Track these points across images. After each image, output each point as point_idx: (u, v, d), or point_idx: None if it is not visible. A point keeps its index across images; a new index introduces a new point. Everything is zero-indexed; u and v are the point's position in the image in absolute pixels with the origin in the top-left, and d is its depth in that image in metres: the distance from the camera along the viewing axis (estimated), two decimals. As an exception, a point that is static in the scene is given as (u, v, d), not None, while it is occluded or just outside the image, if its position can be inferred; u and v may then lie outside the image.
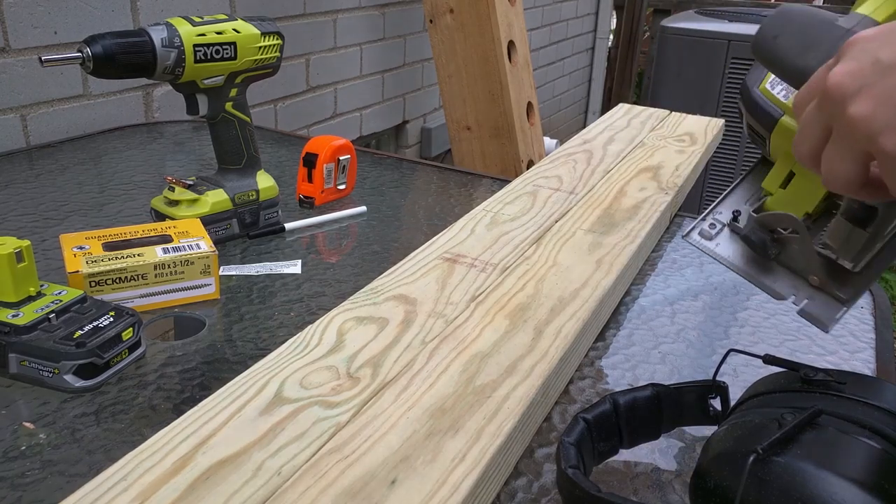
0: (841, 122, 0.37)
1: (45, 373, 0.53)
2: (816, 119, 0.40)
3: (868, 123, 0.36)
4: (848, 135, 0.37)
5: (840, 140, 0.38)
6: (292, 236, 0.83)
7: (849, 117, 0.37)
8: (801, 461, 0.31)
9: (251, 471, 0.41)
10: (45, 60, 0.64)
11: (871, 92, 0.36)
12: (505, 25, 1.79)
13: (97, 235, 0.67)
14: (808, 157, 0.41)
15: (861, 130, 0.36)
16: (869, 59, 0.37)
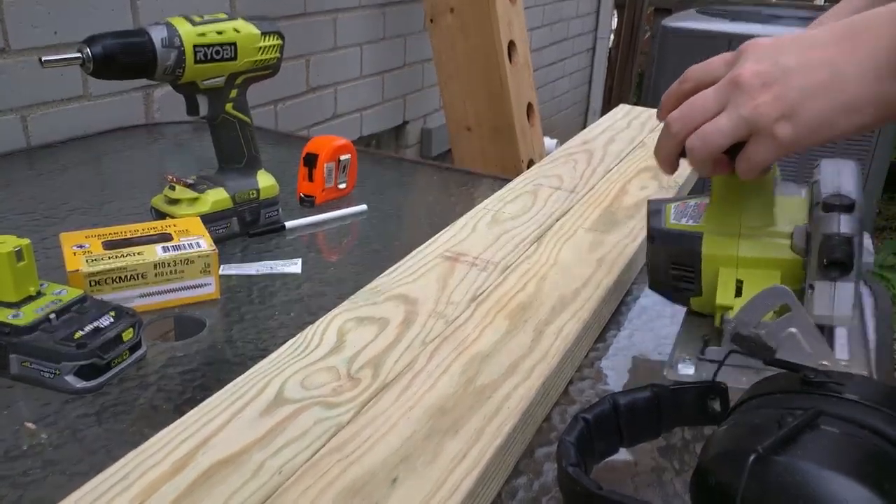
0: (744, 107, 0.45)
1: (47, 374, 0.53)
2: (715, 98, 0.47)
3: (769, 113, 0.44)
4: (746, 117, 0.45)
5: (733, 118, 0.45)
6: (292, 234, 0.83)
7: (753, 106, 0.44)
8: (801, 461, 0.31)
9: (251, 471, 0.41)
10: (45, 61, 0.64)
11: (773, 89, 0.44)
12: (505, 25, 1.79)
13: (97, 234, 0.67)
14: (692, 124, 0.48)
15: (762, 117, 0.44)
16: (771, 61, 0.45)
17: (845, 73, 0.42)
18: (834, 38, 0.44)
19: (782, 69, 0.44)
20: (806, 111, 0.43)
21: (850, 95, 0.42)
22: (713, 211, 0.57)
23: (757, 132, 0.45)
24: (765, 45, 0.46)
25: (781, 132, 0.44)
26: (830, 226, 0.48)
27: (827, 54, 0.43)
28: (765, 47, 0.46)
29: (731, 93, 0.46)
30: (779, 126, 0.44)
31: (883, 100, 0.42)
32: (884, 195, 2.90)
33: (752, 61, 0.45)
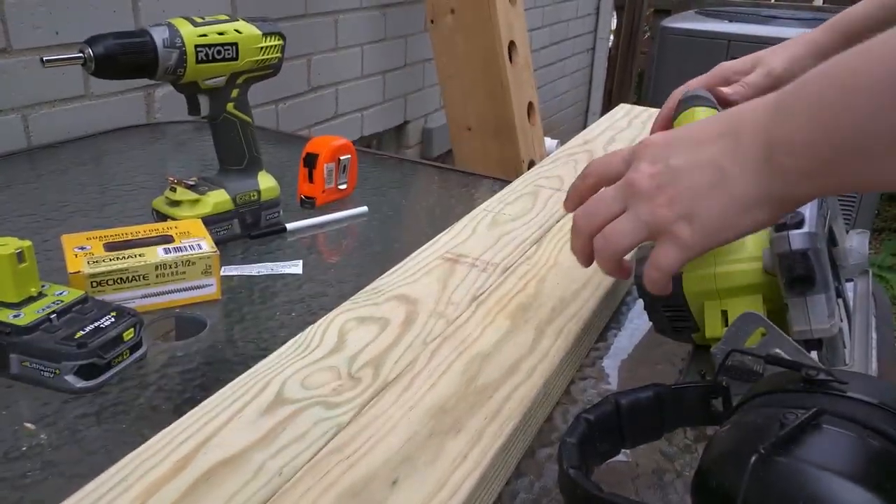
0: (642, 210, 0.45)
1: (47, 373, 0.53)
2: (615, 198, 0.47)
3: (666, 216, 0.44)
4: (646, 221, 0.45)
5: (633, 220, 0.46)
6: (293, 236, 0.83)
7: (650, 210, 0.44)
8: (803, 461, 0.31)
9: (252, 471, 0.41)
10: (46, 61, 0.64)
11: (667, 191, 0.44)
12: (506, 26, 1.79)
13: (98, 236, 0.67)
14: (596, 223, 0.48)
15: (661, 221, 0.44)
16: (663, 163, 0.44)
17: (730, 173, 0.41)
18: (718, 133, 0.43)
19: (673, 171, 0.44)
20: (702, 212, 0.42)
21: (739, 195, 0.41)
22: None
23: (659, 235, 0.45)
24: (658, 144, 0.46)
25: (683, 234, 0.43)
26: (782, 245, 0.49)
27: (712, 152, 0.42)
28: (658, 146, 0.46)
29: (630, 196, 0.46)
30: (679, 228, 0.43)
31: (774, 197, 0.41)
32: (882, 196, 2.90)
33: (646, 162, 0.45)
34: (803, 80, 0.40)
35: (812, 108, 0.38)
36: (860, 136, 0.35)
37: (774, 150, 0.40)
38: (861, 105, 0.35)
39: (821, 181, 0.39)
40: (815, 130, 0.38)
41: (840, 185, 0.40)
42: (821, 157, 0.38)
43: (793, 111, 0.39)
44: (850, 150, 0.36)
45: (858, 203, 2.40)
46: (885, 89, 0.34)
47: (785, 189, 0.40)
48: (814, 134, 0.38)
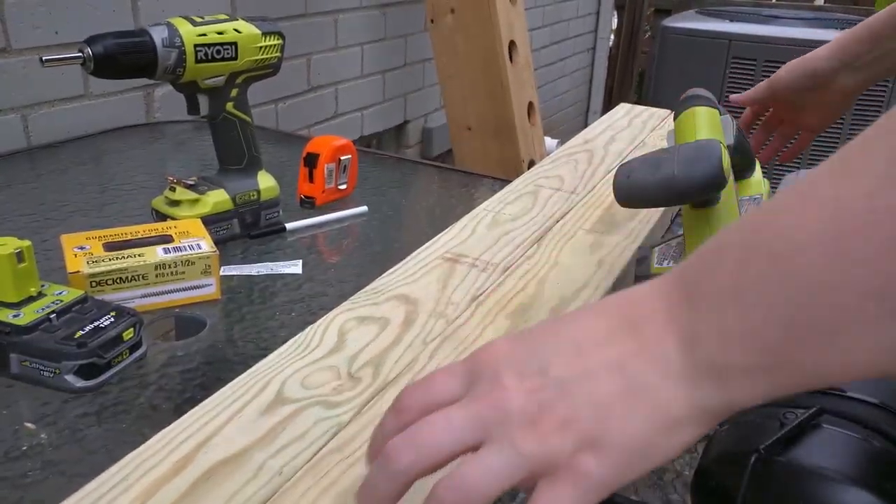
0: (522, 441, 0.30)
1: (47, 373, 0.53)
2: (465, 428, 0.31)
3: (561, 445, 0.30)
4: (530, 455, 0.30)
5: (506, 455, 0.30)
6: (293, 236, 0.83)
7: (537, 438, 0.30)
8: (802, 461, 0.31)
9: (252, 471, 0.41)
10: (45, 60, 0.64)
11: (556, 412, 0.31)
12: (506, 25, 1.79)
13: (98, 236, 0.67)
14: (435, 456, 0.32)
15: (555, 452, 0.30)
16: (538, 375, 0.32)
17: (645, 379, 0.31)
18: (607, 329, 0.32)
19: (558, 383, 0.31)
20: (614, 435, 0.30)
21: (663, 407, 0.30)
22: (689, 248, 0.58)
23: (550, 472, 0.30)
24: (514, 347, 0.34)
25: (588, 467, 0.30)
26: None
27: (609, 355, 0.31)
28: (516, 349, 0.33)
29: (496, 422, 0.31)
30: (581, 460, 0.30)
31: (708, 408, 0.30)
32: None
33: (512, 377, 0.32)
34: (718, 250, 0.31)
35: (740, 288, 0.29)
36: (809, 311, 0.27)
37: (698, 346, 0.30)
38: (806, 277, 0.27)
39: (773, 380, 0.29)
40: (746, 315, 0.29)
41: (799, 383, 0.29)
42: (767, 347, 0.28)
43: (713, 292, 0.30)
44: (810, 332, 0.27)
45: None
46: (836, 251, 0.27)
47: (722, 398, 0.30)
48: (747, 320, 0.29)
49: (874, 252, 0.25)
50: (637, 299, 0.33)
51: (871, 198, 0.26)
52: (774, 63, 2.50)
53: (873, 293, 0.26)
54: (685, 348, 0.30)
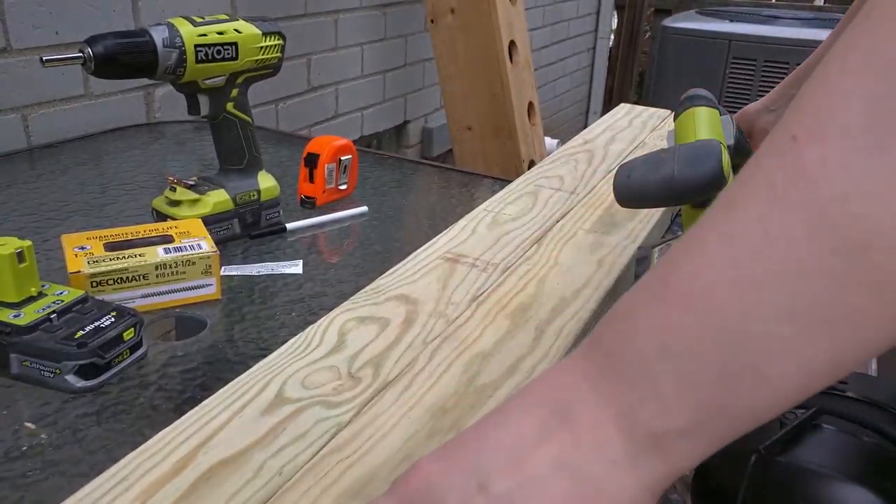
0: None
1: (47, 373, 0.53)
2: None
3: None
4: None
5: None
6: (293, 236, 0.83)
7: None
8: (802, 461, 0.31)
9: (252, 471, 0.41)
10: (46, 61, 0.64)
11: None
12: (506, 25, 1.79)
13: (98, 236, 0.67)
14: None
15: None
16: (480, 495, 0.29)
17: (590, 471, 0.29)
18: (540, 427, 0.30)
19: (504, 499, 0.29)
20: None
21: (614, 496, 0.29)
22: None
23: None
24: (445, 463, 0.31)
25: None
26: None
27: (547, 455, 0.29)
28: (447, 465, 0.31)
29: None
30: None
31: (648, 484, 0.29)
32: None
33: (445, 498, 0.30)
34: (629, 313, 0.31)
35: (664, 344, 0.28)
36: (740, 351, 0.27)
37: (635, 419, 0.29)
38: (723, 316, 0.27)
39: (711, 434, 0.28)
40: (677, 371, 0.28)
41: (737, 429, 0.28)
42: (702, 402, 0.28)
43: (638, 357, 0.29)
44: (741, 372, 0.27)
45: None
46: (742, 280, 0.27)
47: (667, 468, 0.29)
48: (680, 376, 0.28)
49: (775, 272, 0.26)
50: (560, 384, 0.31)
51: (761, 221, 0.26)
52: (774, 63, 2.51)
53: (784, 313, 0.26)
54: (622, 425, 0.29)
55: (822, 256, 0.25)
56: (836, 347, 0.26)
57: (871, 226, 0.24)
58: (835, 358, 0.26)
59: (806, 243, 0.25)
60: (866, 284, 0.25)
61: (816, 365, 0.26)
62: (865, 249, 0.24)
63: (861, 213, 0.24)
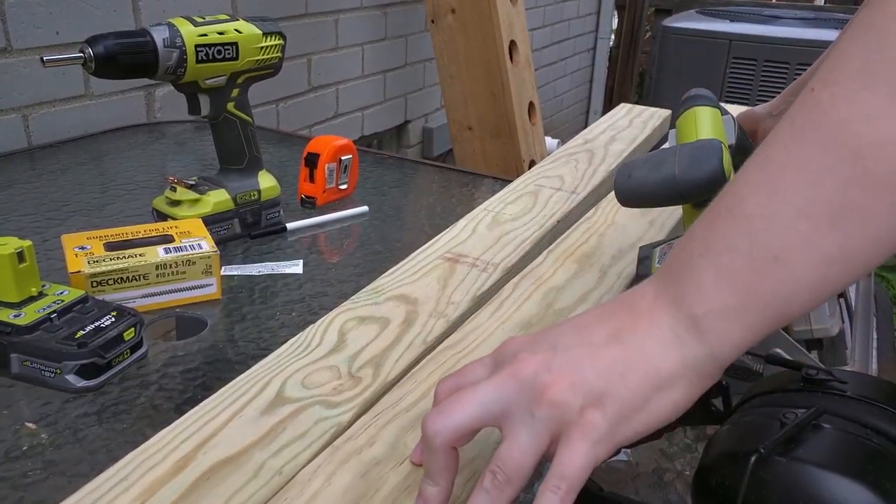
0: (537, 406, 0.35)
1: (47, 373, 0.53)
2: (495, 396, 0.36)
3: (570, 402, 0.35)
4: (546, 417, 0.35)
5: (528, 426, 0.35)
6: (294, 236, 0.83)
7: (549, 401, 0.35)
8: (803, 461, 0.31)
9: (252, 470, 0.41)
10: (46, 61, 0.64)
11: (566, 376, 0.35)
12: (506, 25, 1.79)
13: (99, 235, 0.67)
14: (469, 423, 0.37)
15: (565, 410, 0.35)
16: (548, 347, 0.37)
17: (641, 343, 0.36)
18: (608, 313, 0.38)
19: (566, 353, 0.36)
20: (613, 393, 0.35)
21: (654, 369, 0.35)
22: None
23: (563, 431, 0.35)
24: (530, 337, 0.39)
25: (594, 420, 0.34)
26: None
27: (608, 328, 0.37)
28: (531, 338, 0.39)
29: (516, 391, 0.36)
30: (588, 415, 0.35)
31: (692, 365, 0.35)
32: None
33: (527, 354, 0.37)
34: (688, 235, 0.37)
35: (708, 243, 0.36)
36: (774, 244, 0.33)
37: (682, 305, 0.35)
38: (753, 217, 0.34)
39: (743, 319, 0.34)
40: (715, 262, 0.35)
41: (766, 316, 0.34)
42: (734, 287, 0.34)
43: (688, 258, 0.36)
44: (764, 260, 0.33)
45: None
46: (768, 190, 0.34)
47: (704, 349, 0.35)
48: (716, 266, 0.35)
49: (794, 181, 0.33)
50: (632, 291, 0.39)
51: (785, 146, 0.34)
52: (775, 63, 2.50)
53: (802, 213, 0.33)
54: (671, 311, 0.36)
55: (830, 165, 0.32)
56: (845, 240, 0.32)
57: (867, 140, 0.31)
58: (845, 249, 0.32)
59: (818, 157, 0.33)
60: (865, 186, 0.31)
61: (829, 255, 0.33)
62: (864, 158, 0.31)
63: (859, 132, 0.32)
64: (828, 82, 0.33)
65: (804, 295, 0.34)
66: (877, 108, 0.31)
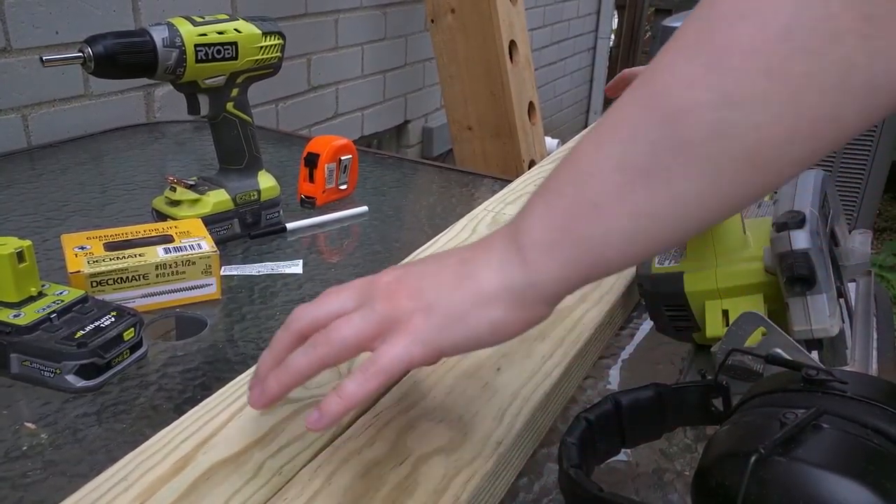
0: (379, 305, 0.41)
1: (47, 373, 0.53)
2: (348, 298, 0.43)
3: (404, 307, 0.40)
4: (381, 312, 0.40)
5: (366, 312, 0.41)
6: (294, 236, 0.83)
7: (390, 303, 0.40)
8: (803, 461, 0.31)
9: (252, 470, 0.41)
10: (46, 60, 0.64)
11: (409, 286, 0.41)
12: (506, 25, 1.79)
13: (98, 235, 0.67)
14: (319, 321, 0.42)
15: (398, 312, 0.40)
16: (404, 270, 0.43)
17: (475, 266, 0.40)
18: (468, 246, 0.43)
19: (417, 272, 0.42)
20: (442, 303, 0.40)
21: (479, 288, 0.39)
22: (690, 248, 0.58)
23: (391, 329, 0.40)
24: (392, 269, 0.44)
25: (418, 324, 0.39)
26: (783, 244, 0.49)
27: (460, 256, 0.42)
28: (395, 267, 0.44)
29: (367, 296, 0.42)
30: (415, 318, 0.39)
31: (513, 289, 0.39)
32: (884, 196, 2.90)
33: (385, 274, 0.43)
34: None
35: (543, 187, 0.40)
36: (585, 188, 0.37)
37: (517, 236, 0.40)
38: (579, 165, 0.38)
39: (560, 254, 0.38)
40: (544, 201, 0.40)
41: (581, 256, 0.38)
42: (554, 224, 0.38)
43: (530, 199, 0.41)
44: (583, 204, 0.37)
45: (860, 203, 2.40)
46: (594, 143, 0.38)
47: (524, 276, 0.38)
48: (544, 204, 0.40)
49: (616, 137, 0.36)
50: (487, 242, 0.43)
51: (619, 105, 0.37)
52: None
53: (618, 166, 0.36)
54: (506, 242, 0.40)
55: (646, 125, 0.35)
56: (652, 197, 0.35)
57: (677, 105, 0.34)
58: (653, 205, 0.35)
59: (637, 116, 0.36)
60: (672, 148, 0.34)
61: (639, 209, 0.35)
62: (673, 121, 0.34)
63: (673, 97, 0.34)
64: (664, 50, 0.35)
65: (616, 241, 0.37)
66: (691, 77, 0.33)
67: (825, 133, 0.32)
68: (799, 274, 0.49)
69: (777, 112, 0.32)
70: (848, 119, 0.32)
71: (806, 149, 0.33)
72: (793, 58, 0.31)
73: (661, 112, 0.34)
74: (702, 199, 0.34)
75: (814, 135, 0.32)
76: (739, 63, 0.32)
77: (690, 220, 0.36)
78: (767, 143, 0.32)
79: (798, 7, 0.30)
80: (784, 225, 0.49)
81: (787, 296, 0.50)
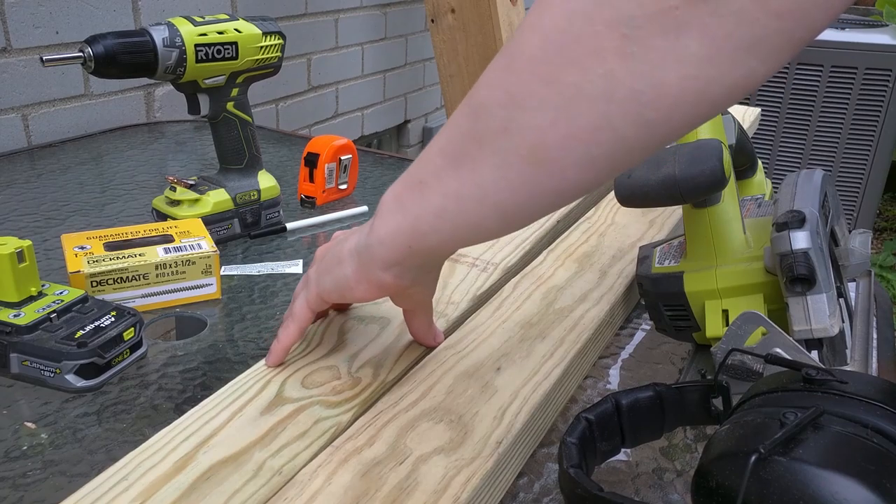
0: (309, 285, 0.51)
1: (47, 373, 0.53)
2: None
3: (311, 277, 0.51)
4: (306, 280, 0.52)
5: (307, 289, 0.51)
6: (294, 236, 0.83)
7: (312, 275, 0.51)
8: (803, 461, 0.31)
9: (252, 470, 0.41)
10: (46, 60, 0.64)
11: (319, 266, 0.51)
12: (506, 25, 1.79)
13: (98, 235, 0.67)
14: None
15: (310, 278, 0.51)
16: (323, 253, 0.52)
17: (342, 258, 0.47)
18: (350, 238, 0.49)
19: (328, 258, 0.50)
20: (322, 263, 0.50)
21: (342, 248, 0.48)
22: (690, 248, 0.58)
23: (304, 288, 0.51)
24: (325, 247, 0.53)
25: (309, 275, 0.51)
26: (783, 244, 0.49)
27: (343, 248, 0.48)
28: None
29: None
30: (311, 275, 0.51)
31: (357, 248, 0.46)
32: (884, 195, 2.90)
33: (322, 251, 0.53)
34: None
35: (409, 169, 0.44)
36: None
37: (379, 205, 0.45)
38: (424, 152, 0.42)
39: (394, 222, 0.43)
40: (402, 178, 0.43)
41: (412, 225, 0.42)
42: (395, 194, 0.43)
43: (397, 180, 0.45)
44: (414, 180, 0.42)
45: (860, 203, 2.40)
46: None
47: (365, 238, 0.45)
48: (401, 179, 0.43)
49: (446, 126, 0.40)
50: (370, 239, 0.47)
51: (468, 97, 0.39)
52: (775, 63, 2.50)
53: (439, 150, 0.40)
54: (374, 216, 0.45)
55: (462, 116, 0.38)
56: (460, 181, 0.39)
57: (480, 100, 0.37)
58: (462, 189, 0.39)
59: (460, 108, 0.39)
60: (475, 140, 0.37)
61: (451, 190, 0.39)
62: (477, 116, 0.37)
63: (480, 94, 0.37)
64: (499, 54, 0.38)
65: (429, 216, 0.41)
66: (492, 76, 0.37)
67: (603, 139, 0.34)
68: (799, 274, 0.49)
69: (553, 117, 0.34)
70: (624, 129, 0.33)
71: (589, 153, 0.34)
72: (565, 68, 0.33)
73: (470, 106, 0.38)
74: (497, 188, 0.37)
75: (593, 140, 0.34)
76: (524, 69, 0.35)
77: (488, 207, 0.39)
78: (547, 143, 0.35)
79: (570, 23, 0.32)
80: (784, 225, 0.49)
81: (787, 296, 0.50)
